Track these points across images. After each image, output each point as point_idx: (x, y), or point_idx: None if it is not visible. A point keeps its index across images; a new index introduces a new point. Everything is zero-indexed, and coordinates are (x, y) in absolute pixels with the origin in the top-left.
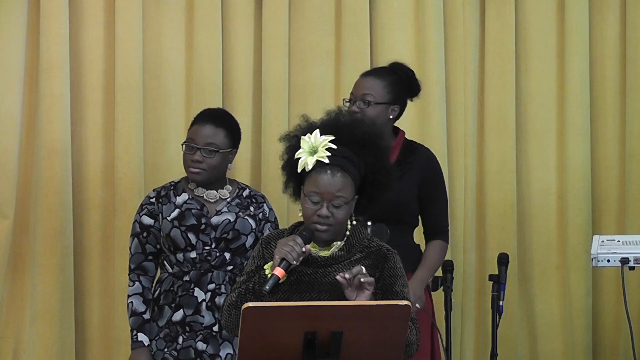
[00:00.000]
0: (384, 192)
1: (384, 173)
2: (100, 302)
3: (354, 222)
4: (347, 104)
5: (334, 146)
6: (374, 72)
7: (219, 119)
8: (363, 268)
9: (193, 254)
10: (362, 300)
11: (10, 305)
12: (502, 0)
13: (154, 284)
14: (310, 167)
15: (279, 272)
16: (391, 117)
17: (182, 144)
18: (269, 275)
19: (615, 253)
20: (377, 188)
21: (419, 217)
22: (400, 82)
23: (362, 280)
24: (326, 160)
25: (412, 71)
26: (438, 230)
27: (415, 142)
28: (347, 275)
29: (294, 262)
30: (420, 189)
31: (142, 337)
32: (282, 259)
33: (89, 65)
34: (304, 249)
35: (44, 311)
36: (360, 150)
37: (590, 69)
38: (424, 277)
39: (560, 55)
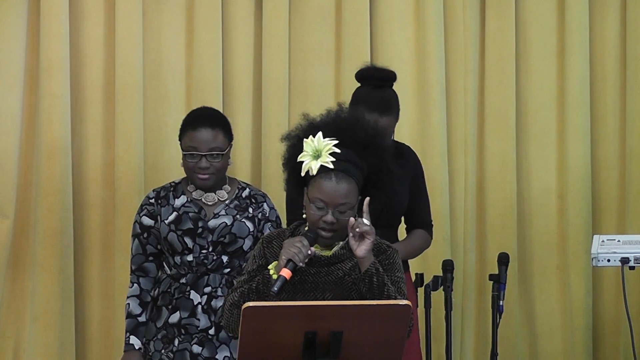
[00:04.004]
0: (387, 192)
1: (387, 173)
2: (100, 301)
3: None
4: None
5: (338, 150)
6: (381, 109)
7: (214, 120)
8: (363, 219)
9: (190, 257)
10: (364, 248)
11: (10, 305)
12: (502, 0)
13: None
14: (314, 172)
15: (286, 273)
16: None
17: (184, 153)
18: (276, 277)
19: (615, 253)
20: (380, 188)
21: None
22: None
23: (357, 230)
24: (330, 166)
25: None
26: (424, 225)
27: (400, 143)
28: (350, 226)
29: (301, 264)
30: (409, 188)
31: (133, 340)
32: (289, 260)
33: (89, 65)
34: (309, 251)
35: (44, 311)
36: (363, 151)
37: (590, 69)
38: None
39: (560, 55)
